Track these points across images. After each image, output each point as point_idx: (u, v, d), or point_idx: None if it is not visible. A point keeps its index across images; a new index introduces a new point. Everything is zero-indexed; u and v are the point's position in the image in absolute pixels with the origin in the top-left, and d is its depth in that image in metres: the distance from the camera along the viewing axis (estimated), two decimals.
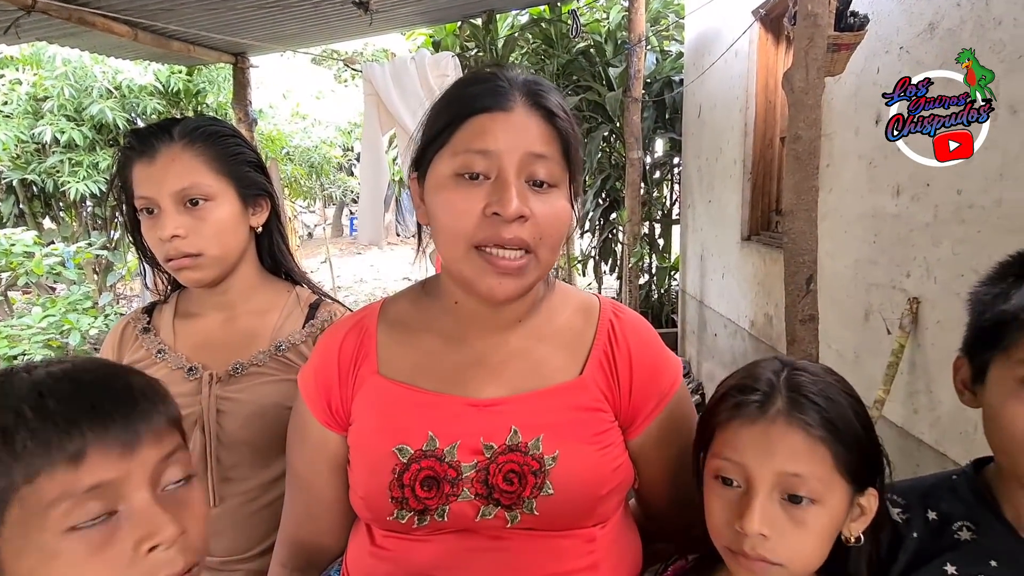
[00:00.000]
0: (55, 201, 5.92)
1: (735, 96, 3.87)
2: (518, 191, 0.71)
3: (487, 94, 0.74)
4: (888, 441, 2.57)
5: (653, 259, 5.95)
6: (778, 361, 0.76)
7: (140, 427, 0.57)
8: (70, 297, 4.30)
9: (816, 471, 0.68)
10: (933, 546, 0.77)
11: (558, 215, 0.75)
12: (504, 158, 0.72)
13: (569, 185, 0.77)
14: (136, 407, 0.58)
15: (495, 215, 0.71)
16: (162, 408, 0.61)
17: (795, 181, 1.74)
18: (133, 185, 1.02)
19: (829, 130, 2.59)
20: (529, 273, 0.74)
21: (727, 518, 0.70)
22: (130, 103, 5.51)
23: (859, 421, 0.72)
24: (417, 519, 0.76)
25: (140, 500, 0.56)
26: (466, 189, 0.73)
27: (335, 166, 11.00)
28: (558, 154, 0.75)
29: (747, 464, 0.69)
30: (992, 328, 0.71)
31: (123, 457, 0.55)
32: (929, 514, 0.79)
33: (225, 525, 1.03)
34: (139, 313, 1.14)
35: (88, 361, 0.63)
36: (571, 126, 0.76)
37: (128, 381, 0.60)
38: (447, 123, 0.75)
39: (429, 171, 0.77)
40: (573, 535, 0.78)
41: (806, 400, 0.69)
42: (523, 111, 0.74)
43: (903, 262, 2.14)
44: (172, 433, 0.61)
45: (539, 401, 0.78)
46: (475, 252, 0.73)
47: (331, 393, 0.83)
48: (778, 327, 3.17)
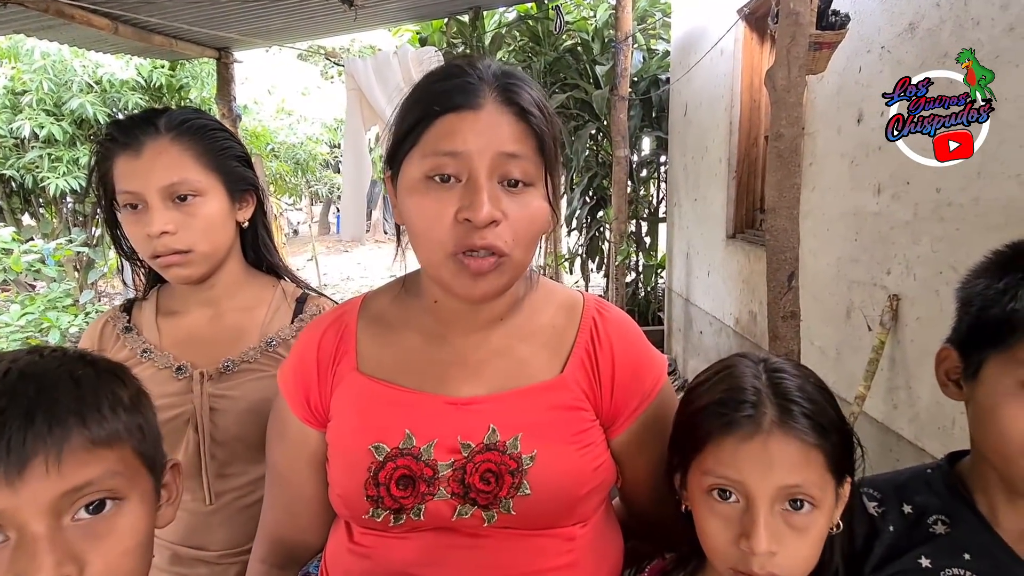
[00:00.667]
0: (34, 197, 5.83)
1: (720, 95, 3.89)
2: (490, 194, 0.69)
3: (456, 91, 0.71)
4: (868, 436, 2.59)
5: (640, 257, 5.98)
6: (750, 362, 0.74)
7: (30, 454, 0.50)
8: (50, 295, 4.24)
9: (813, 477, 0.68)
10: (908, 539, 0.78)
11: (532, 216, 0.72)
12: (475, 159, 0.69)
13: (547, 182, 0.74)
14: (31, 428, 0.51)
15: (467, 221, 0.69)
16: (92, 422, 0.54)
17: (777, 179, 1.75)
18: (115, 179, 0.99)
19: (812, 129, 2.62)
20: (504, 273, 0.72)
21: (730, 537, 0.68)
22: (111, 98, 5.43)
23: (837, 414, 0.73)
24: (393, 518, 0.75)
25: (29, 533, 0.51)
26: (437, 193, 0.70)
27: (321, 163, 10.93)
28: (532, 152, 0.72)
29: (746, 481, 0.67)
30: (996, 324, 0.68)
31: (4, 488, 0.50)
32: (904, 507, 0.79)
33: (221, 521, 1.03)
34: (117, 312, 1.11)
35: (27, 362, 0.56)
36: (546, 121, 0.73)
37: (53, 392, 0.53)
38: (416, 121, 0.72)
39: (401, 171, 0.75)
40: (552, 534, 0.77)
41: (795, 406, 0.68)
42: (494, 109, 0.70)
43: (884, 260, 2.17)
44: (95, 454, 0.54)
45: (518, 400, 0.77)
46: (450, 258, 0.71)
47: (310, 389, 0.82)
48: (762, 324, 3.20)
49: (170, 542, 1.03)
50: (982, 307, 0.71)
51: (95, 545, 0.54)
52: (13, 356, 0.56)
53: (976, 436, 0.74)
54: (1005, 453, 0.68)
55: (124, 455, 0.57)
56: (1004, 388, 0.68)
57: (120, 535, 0.55)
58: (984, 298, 0.71)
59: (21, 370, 0.54)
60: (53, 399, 0.53)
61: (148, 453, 0.60)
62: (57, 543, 0.52)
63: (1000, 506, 0.74)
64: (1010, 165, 1.61)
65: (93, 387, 0.56)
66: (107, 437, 0.55)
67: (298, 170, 9.60)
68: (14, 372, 0.54)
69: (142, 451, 0.59)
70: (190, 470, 0.98)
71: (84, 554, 0.53)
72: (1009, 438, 0.67)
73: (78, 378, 0.56)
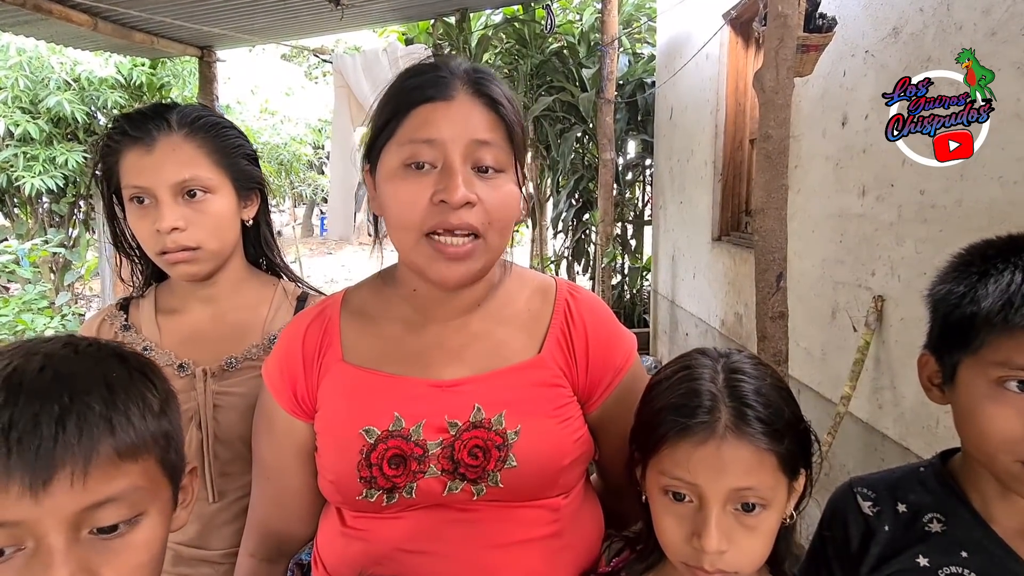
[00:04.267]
0: (8, 197, 5.70)
1: (706, 99, 3.93)
2: (464, 178, 0.73)
3: (429, 84, 0.75)
4: (853, 436, 2.61)
5: (625, 260, 6.00)
6: (709, 360, 0.76)
7: (57, 465, 0.49)
8: (25, 296, 4.15)
9: (765, 480, 0.70)
10: (904, 538, 0.78)
11: (505, 199, 0.77)
12: (449, 146, 0.74)
13: (516, 169, 0.79)
14: (61, 437, 0.49)
15: (442, 202, 0.73)
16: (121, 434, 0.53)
17: (765, 180, 1.76)
18: (122, 173, 0.98)
19: (797, 132, 2.64)
20: (478, 257, 0.76)
21: (683, 534, 0.71)
22: (90, 96, 5.33)
23: (793, 412, 0.74)
24: (386, 497, 0.78)
25: (47, 545, 0.50)
26: (414, 178, 0.74)
27: (305, 164, 10.83)
28: (503, 140, 0.77)
29: (699, 483, 0.69)
30: (960, 329, 0.70)
31: (27, 499, 0.49)
32: (899, 506, 0.80)
33: (225, 519, 1.02)
34: (114, 310, 1.09)
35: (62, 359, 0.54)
36: (514, 112, 0.78)
37: (85, 397, 0.52)
38: (392, 115, 0.76)
39: (379, 163, 0.78)
40: (538, 505, 0.81)
41: (750, 411, 0.70)
42: (465, 99, 0.75)
43: (868, 261, 2.19)
44: (121, 468, 0.53)
45: (500, 379, 0.81)
46: (425, 240, 0.75)
47: (296, 382, 0.84)
48: (747, 326, 3.22)
49: (173, 543, 1.01)
50: (947, 312, 0.73)
51: (110, 559, 0.53)
52: (48, 350, 0.55)
53: (961, 436, 0.75)
54: (987, 451, 0.69)
55: (148, 467, 0.56)
56: (979, 390, 0.69)
57: (136, 550, 0.55)
58: (947, 303, 0.73)
59: (56, 370, 0.53)
60: (85, 405, 0.52)
61: (171, 461, 0.59)
62: (72, 556, 0.51)
63: (994, 502, 0.74)
64: (992, 167, 1.64)
65: (125, 391, 0.55)
66: (134, 449, 0.54)
67: (282, 171, 9.51)
68: (49, 372, 0.52)
69: (165, 461, 0.58)
70: None
71: (99, 568, 0.52)
72: (988, 437, 0.68)
73: (111, 383, 0.55)
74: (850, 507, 0.83)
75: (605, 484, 0.96)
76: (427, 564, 0.78)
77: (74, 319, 4.61)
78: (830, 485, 2.82)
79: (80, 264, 5.59)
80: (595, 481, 0.97)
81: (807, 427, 0.75)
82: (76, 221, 5.85)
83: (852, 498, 0.83)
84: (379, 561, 0.78)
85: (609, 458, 0.89)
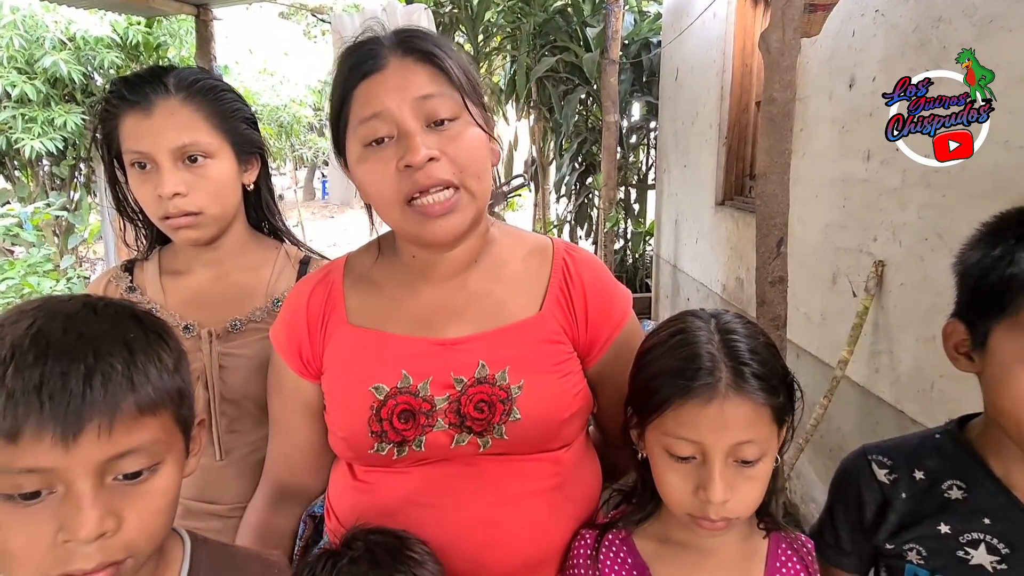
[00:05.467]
0: (9, 159, 5.65)
1: (712, 59, 3.84)
2: (421, 137, 0.75)
3: (361, 61, 0.77)
4: (849, 400, 2.63)
5: (628, 224, 5.98)
6: (701, 322, 0.78)
7: (86, 419, 0.53)
8: (30, 259, 4.16)
9: (762, 432, 0.74)
10: (923, 506, 0.79)
11: (467, 145, 0.78)
12: (396, 113, 0.75)
13: (471, 111, 0.79)
14: (88, 394, 0.53)
15: (408, 167, 0.74)
16: (142, 391, 0.57)
17: (769, 144, 1.75)
18: (122, 137, 0.98)
19: (803, 94, 2.60)
20: (464, 207, 0.78)
21: (688, 489, 0.75)
22: (85, 56, 5.22)
23: (782, 367, 0.78)
24: (396, 450, 0.81)
25: (76, 490, 0.54)
26: (375, 155, 0.77)
27: (305, 126, 10.69)
28: (447, 87, 0.77)
29: (704, 441, 0.73)
30: (997, 292, 0.70)
31: (58, 448, 0.53)
32: (916, 473, 0.80)
33: (232, 475, 1.06)
34: (119, 271, 1.11)
35: (83, 319, 0.57)
36: (451, 57, 0.79)
37: (108, 357, 0.55)
38: (341, 102, 0.79)
39: (347, 151, 0.81)
40: (540, 458, 0.85)
41: (747, 368, 0.73)
42: (397, 63, 0.77)
43: (870, 226, 2.19)
44: (141, 422, 0.57)
45: (503, 337, 0.84)
46: (409, 208, 0.77)
47: (303, 345, 0.87)
48: (748, 290, 3.23)
49: (183, 497, 1.04)
50: (980, 276, 0.73)
51: (132, 503, 0.58)
52: (68, 310, 0.58)
53: (990, 403, 0.74)
54: (1020, 417, 0.68)
55: (165, 421, 0.60)
56: (1013, 353, 0.69)
57: (155, 495, 0.59)
58: (981, 267, 0.73)
59: (80, 331, 0.56)
60: (109, 365, 0.56)
61: (184, 415, 0.64)
62: (100, 500, 0.55)
63: (1016, 469, 0.74)
64: (998, 131, 1.61)
65: (143, 351, 0.59)
66: (153, 405, 0.58)
67: (282, 133, 9.39)
68: (72, 333, 0.56)
69: (179, 415, 0.63)
70: None
71: (122, 511, 0.57)
72: (1020, 400, 0.68)
73: (129, 342, 0.58)
74: (864, 475, 0.84)
75: (602, 436, 1.00)
76: (435, 516, 0.82)
77: (79, 282, 4.64)
78: (824, 447, 2.88)
79: (83, 228, 5.59)
80: (593, 433, 1.00)
81: (793, 379, 0.79)
82: (77, 184, 5.82)
83: (866, 466, 0.84)
84: (389, 513, 0.82)
85: (606, 410, 0.93)
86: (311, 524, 0.98)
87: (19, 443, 0.52)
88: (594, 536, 0.85)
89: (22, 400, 0.52)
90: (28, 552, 0.54)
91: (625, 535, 0.85)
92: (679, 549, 0.83)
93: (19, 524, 0.54)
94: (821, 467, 2.53)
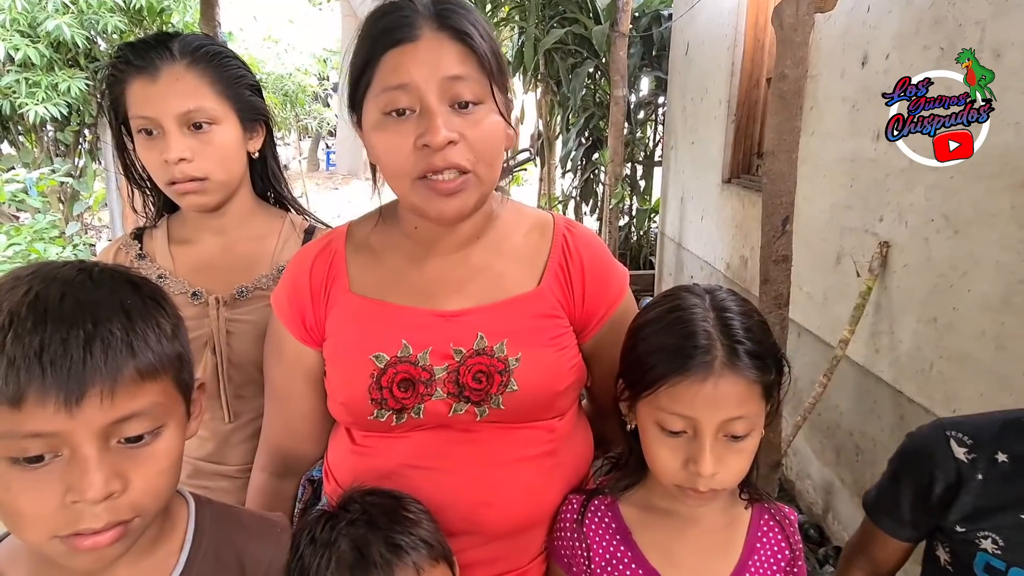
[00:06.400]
0: (13, 125, 5.63)
1: (724, 33, 3.78)
2: (443, 118, 0.74)
3: (394, 27, 0.75)
4: (848, 379, 2.65)
5: (634, 201, 5.94)
6: (696, 298, 0.79)
7: (88, 384, 0.53)
8: (36, 226, 4.17)
9: (753, 408, 0.75)
10: (1006, 492, 0.75)
11: (487, 132, 0.77)
12: (423, 88, 0.74)
13: (495, 97, 0.78)
14: (90, 360, 0.54)
15: (425, 146, 0.74)
16: (142, 357, 0.57)
17: (778, 121, 1.73)
18: (128, 103, 0.99)
19: (815, 71, 2.56)
20: (471, 191, 0.78)
21: (679, 462, 0.77)
22: (88, 19, 5.16)
23: (773, 344, 0.78)
24: (395, 417, 0.83)
25: (82, 453, 0.55)
26: (395, 126, 0.76)
27: (310, 96, 10.59)
28: (476, 71, 0.76)
29: (696, 417, 0.74)
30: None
31: (62, 413, 0.53)
32: (999, 456, 0.76)
33: (240, 439, 1.08)
34: (129, 239, 1.13)
35: (80, 285, 0.57)
36: (485, 39, 0.77)
37: (107, 324, 0.56)
38: (365, 63, 0.77)
39: (363, 113, 0.80)
40: (535, 427, 0.87)
41: (741, 346, 0.74)
42: (431, 37, 0.75)
43: (877, 207, 2.18)
44: (143, 387, 0.57)
45: (501, 310, 0.85)
46: (419, 183, 0.77)
47: (305, 312, 0.88)
48: (752, 269, 3.23)
49: (193, 458, 1.08)
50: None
51: (136, 465, 0.58)
52: (64, 276, 0.58)
53: None
54: None
55: (165, 386, 0.61)
56: None
57: (158, 457, 0.60)
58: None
59: (77, 297, 0.56)
60: (108, 331, 0.56)
61: (184, 380, 0.64)
62: (105, 463, 0.56)
63: None
64: (1008, 113, 1.60)
65: (142, 318, 0.59)
66: (153, 370, 0.58)
67: (287, 103, 9.31)
68: (70, 299, 0.56)
69: (179, 380, 0.63)
70: (209, 391, 1.02)
71: (127, 473, 0.58)
72: None
73: (128, 308, 0.58)
74: (940, 450, 0.80)
75: (594, 407, 1.02)
76: (431, 478, 0.84)
77: (85, 249, 4.66)
78: (822, 425, 2.91)
79: (88, 195, 5.59)
80: (585, 405, 1.03)
81: (783, 356, 0.81)
82: (81, 151, 5.80)
83: (944, 442, 0.80)
84: (386, 476, 0.84)
85: (599, 382, 0.95)
86: (309, 488, 1.01)
87: (23, 408, 0.52)
88: (581, 501, 0.88)
89: (23, 366, 0.52)
90: (38, 513, 0.55)
91: (611, 501, 0.88)
92: (662, 516, 0.85)
93: (27, 487, 0.54)
94: (817, 444, 2.56)
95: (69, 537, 0.56)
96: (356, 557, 0.73)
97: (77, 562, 0.58)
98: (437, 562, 0.77)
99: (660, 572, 0.83)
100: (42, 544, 0.56)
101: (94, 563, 0.58)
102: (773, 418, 0.82)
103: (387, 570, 0.73)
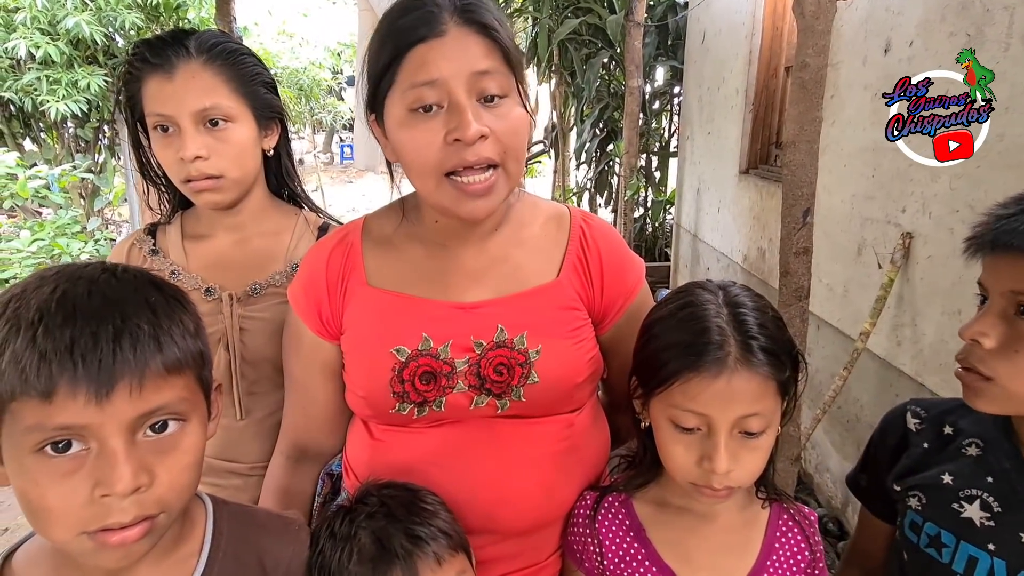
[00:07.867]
0: (35, 121, 5.72)
1: (741, 22, 3.72)
2: (473, 112, 0.74)
3: (419, 23, 0.74)
4: (870, 372, 2.61)
5: (649, 192, 5.90)
6: (709, 294, 0.78)
7: (117, 378, 0.55)
8: (58, 221, 4.24)
9: (768, 405, 0.74)
10: (935, 457, 0.81)
11: (515, 125, 0.78)
12: (451, 84, 0.73)
13: (518, 90, 0.79)
14: (119, 354, 0.55)
15: (456, 141, 0.73)
16: (168, 351, 0.58)
17: (799, 111, 1.70)
18: (145, 100, 1.00)
19: (836, 59, 2.51)
20: (500, 188, 0.78)
21: (693, 459, 0.76)
22: (107, 17, 5.21)
23: (788, 340, 0.78)
24: (417, 411, 0.83)
25: (110, 446, 0.56)
26: (424, 122, 0.75)
27: (325, 90, 10.63)
28: (501, 64, 0.76)
29: (710, 414, 0.73)
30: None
31: (92, 406, 0.54)
32: (946, 428, 0.83)
33: (252, 435, 1.09)
34: (142, 235, 1.13)
35: (106, 283, 0.59)
36: (507, 33, 0.78)
37: (135, 319, 0.57)
38: (389, 61, 0.76)
39: (385, 112, 0.79)
40: (554, 421, 0.87)
41: (755, 342, 0.74)
42: (457, 32, 0.74)
43: (899, 197, 2.14)
44: (168, 381, 0.59)
45: (521, 302, 0.85)
46: (446, 181, 0.76)
47: (322, 305, 0.88)
48: (770, 261, 3.19)
49: (205, 455, 1.08)
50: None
51: (162, 460, 0.60)
52: (89, 275, 0.59)
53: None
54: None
55: (189, 381, 0.62)
56: None
57: (183, 452, 0.61)
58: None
59: (104, 294, 0.58)
60: (136, 326, 0.57)
61: (205, 378, 0.65)
62: (133, 456, 0.57)
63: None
64: None
65: (166, 314, 0.60)
66: (178, 364, 0.60)
67: (301, 97, 9.35)
68: (97, 296, 0.57)
69: (201, 377, 0.65)
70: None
71: (153, 467, 0.59)
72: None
73: (152, 305, 0.60)
74: (896, 422, 0.87)
75: (609, 400, 1.03)
76: (449, 475, 0.84)
77: (106, 244, 4.73)
78: (841, 418, 2.88)
79: (108, 190, 5.66)
80: (600, 398, 1.03)
81: (799, 352, 0.80)
82: (101, 147, 5.88)
83: (903, 414, 0.87)
84: (404, 471, 0.84)
85: (615, 375, 0.95)
86: (329, 482, 1.01)
87: (53, 401, 0.53)
88: (594, 497, 0.88)
89: (55, 359, 0.53)
90: (66, 507, 0.55)
91: (625, 498, 0.87)
92: (677, 514, 0.85)
93: (56, 482, 0.55)
94: (837, 437, 2.53)
95: (97, 533, 0.57)
96: (377, 549, 0.74)
97: (103, 559, 0.59)
98: (456, 552, 0.77)
99: (675, 570, 0.82)
100: (69, 541, 0.57)
101: (120, 560, 0.59)
102: (791, 414, 0.81)
103: (408, 561, 0.73)
